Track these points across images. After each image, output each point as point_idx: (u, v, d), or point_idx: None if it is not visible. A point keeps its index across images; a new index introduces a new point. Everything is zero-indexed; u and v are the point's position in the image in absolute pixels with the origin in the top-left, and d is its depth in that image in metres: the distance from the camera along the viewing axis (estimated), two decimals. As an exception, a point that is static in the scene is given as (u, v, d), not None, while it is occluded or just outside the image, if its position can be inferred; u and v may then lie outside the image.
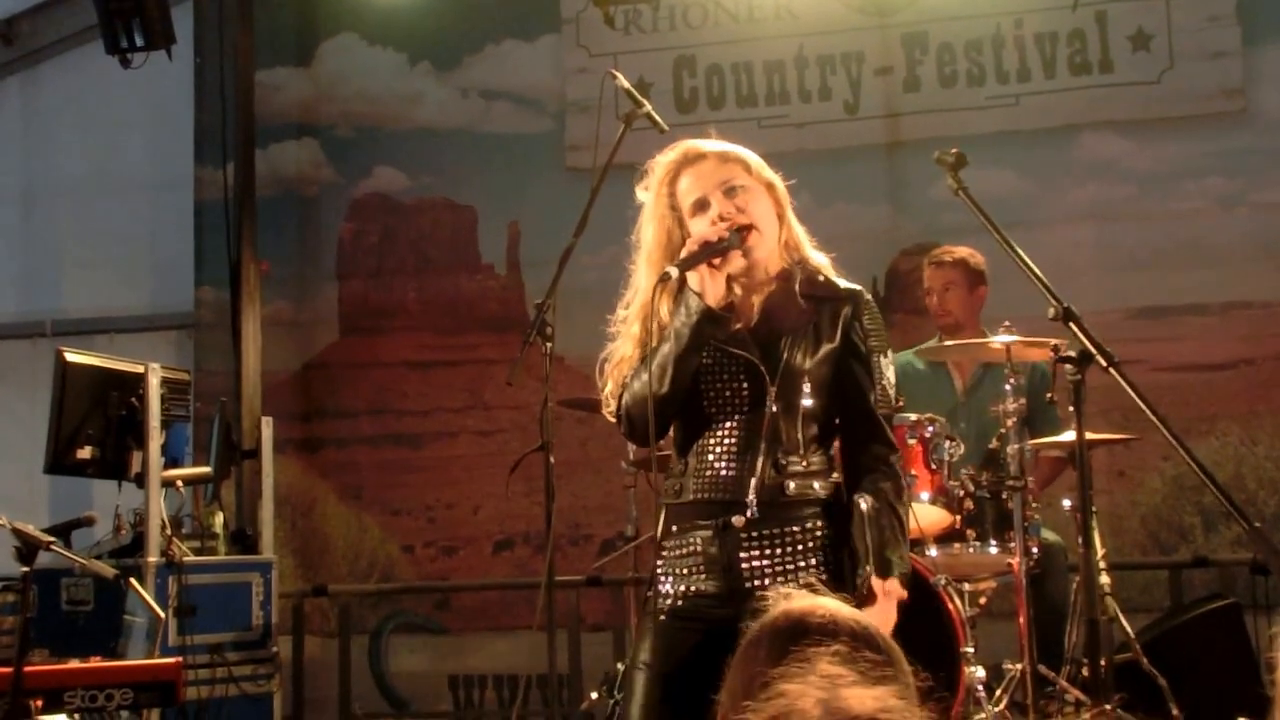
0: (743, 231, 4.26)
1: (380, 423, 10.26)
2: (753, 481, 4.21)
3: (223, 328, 9.64)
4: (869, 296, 4.44)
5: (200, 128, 10.44)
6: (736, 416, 4.27)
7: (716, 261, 4.23)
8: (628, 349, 4.38)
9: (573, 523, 9.18)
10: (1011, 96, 9.46)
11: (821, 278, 4.38)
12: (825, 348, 4.30)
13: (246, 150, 9.53)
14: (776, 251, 4.38)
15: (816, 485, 4.25)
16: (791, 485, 4.21)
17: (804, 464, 4.25)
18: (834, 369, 4.33)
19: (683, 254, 4.28)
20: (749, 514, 4.19)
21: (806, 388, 4.26)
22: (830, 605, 2.66)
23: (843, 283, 4.40)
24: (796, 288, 4.33)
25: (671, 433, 4.46)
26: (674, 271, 4.23)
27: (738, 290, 4.38)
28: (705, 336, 4.25)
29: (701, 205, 4.32)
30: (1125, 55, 9.34)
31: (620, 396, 4.37)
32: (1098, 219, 9.27)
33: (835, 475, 4.33)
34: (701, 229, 4.30)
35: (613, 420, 4.42)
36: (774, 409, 4.23)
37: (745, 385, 4.26)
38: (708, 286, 4.23)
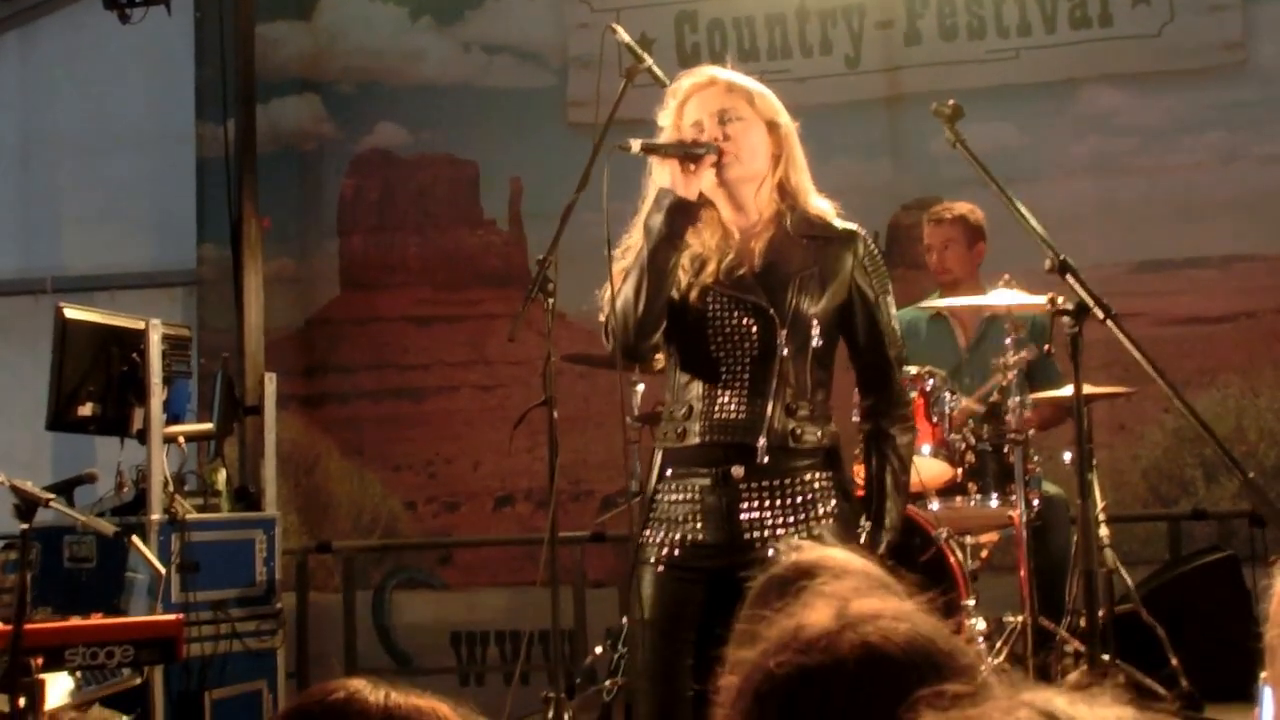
0: (721, 152, 4.32)
1: (381, 378, 10.26)
2: (764, 425, 4.25)
3: (225, 284, 9.64)
4: (865, 234, 4.48)
5: (201, 83, 10.41)
6: (746, 360, 4.31)
7: (692, 167, 4.27)
8: (629, 262, 4.41)
9: (574, 478, 9.18)
10: (1011, 50, 9.42)
11: (816, 217, 4.42)
12: (831, 290, 4.36)
13: (247, 106, 9.51)
14: (768, 192, 4.43)
15: (820, 432, 4.32)
16: (799, 430, 4.26)
17: (811, 408, 4.30)
18: (842, 313, 4.40)
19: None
20: (759, 459, 4.24)
21: (815, 330, 4.32)
22: (840, 556, 2.68)
23: (839, 222, 4.44)
24: (789, 228, 4.37)
25: (669, 376, 4.49)
26: (634, 144, 4.30)
27: (737, 235, 4.41)
28: (679, 227, 4.30)
29: (696, 128, 4.38)
30: (1125, 9, 9.30)
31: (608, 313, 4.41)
32: (1098, 173, 9.24)
33: (833, 424, 4.39)
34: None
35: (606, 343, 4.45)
36: (785, 352, 4.27)
37: (754, 329, 4.30)
38: (678, 182, 4.28)
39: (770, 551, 3.88)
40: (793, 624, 1.90)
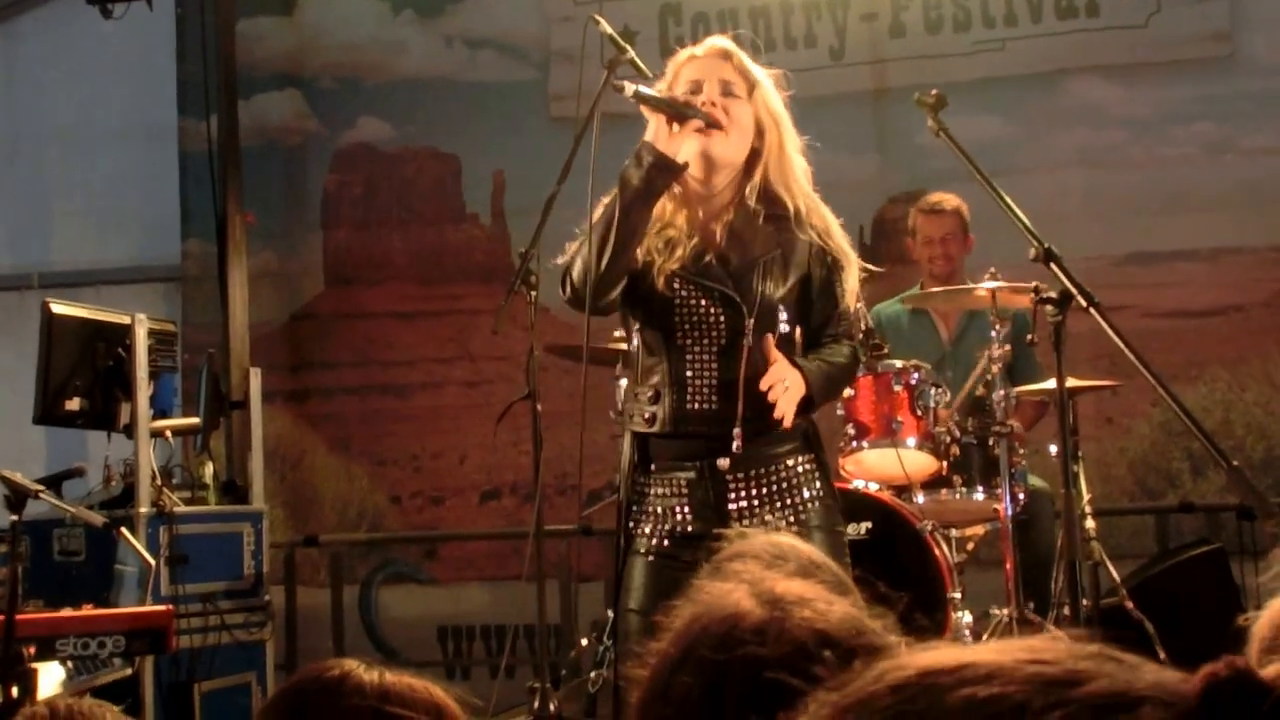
0: (712, 123, 4.23)
1: (366, 373, 10.25)
2: (736, 416, 4.21)
3: (210, 280, 9.66)
4: (825, 207, 4.43)
5: (183, 78, 10.39)
6: (713, 349, 4.26)
7: (678, 127, 4.19)
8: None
9: (559, 473, 9.15)
10: (997, 41, 9.41)
11: (776, 194, 4.34)
12: (795, 273, 4.30)
13: (230, 101, 9.51)
14: (735, 175, 4.35)
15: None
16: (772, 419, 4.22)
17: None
18: (804, 290, 4.34)
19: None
20: (735, 448, 4.20)
21: (783, 315, 4.28)
22: (785, 541, 2.70)
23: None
24: (750, 206, 4.31)
25: (634, 354, 4.45)
26: (628, 86, 4.21)
27: (700, 214, 4.36)
28: (659, 185, 4.20)
29: (695, 88, 4.30)
30: (1111, -2, 9.31)
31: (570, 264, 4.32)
32: (1085, 165, 9.23)
33: None
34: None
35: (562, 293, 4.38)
36: (751, 341, 4.23)
37: (722, 317, 4.26)
38: (662, 137, 4.19)
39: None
40: (724, 616, 1.89)
